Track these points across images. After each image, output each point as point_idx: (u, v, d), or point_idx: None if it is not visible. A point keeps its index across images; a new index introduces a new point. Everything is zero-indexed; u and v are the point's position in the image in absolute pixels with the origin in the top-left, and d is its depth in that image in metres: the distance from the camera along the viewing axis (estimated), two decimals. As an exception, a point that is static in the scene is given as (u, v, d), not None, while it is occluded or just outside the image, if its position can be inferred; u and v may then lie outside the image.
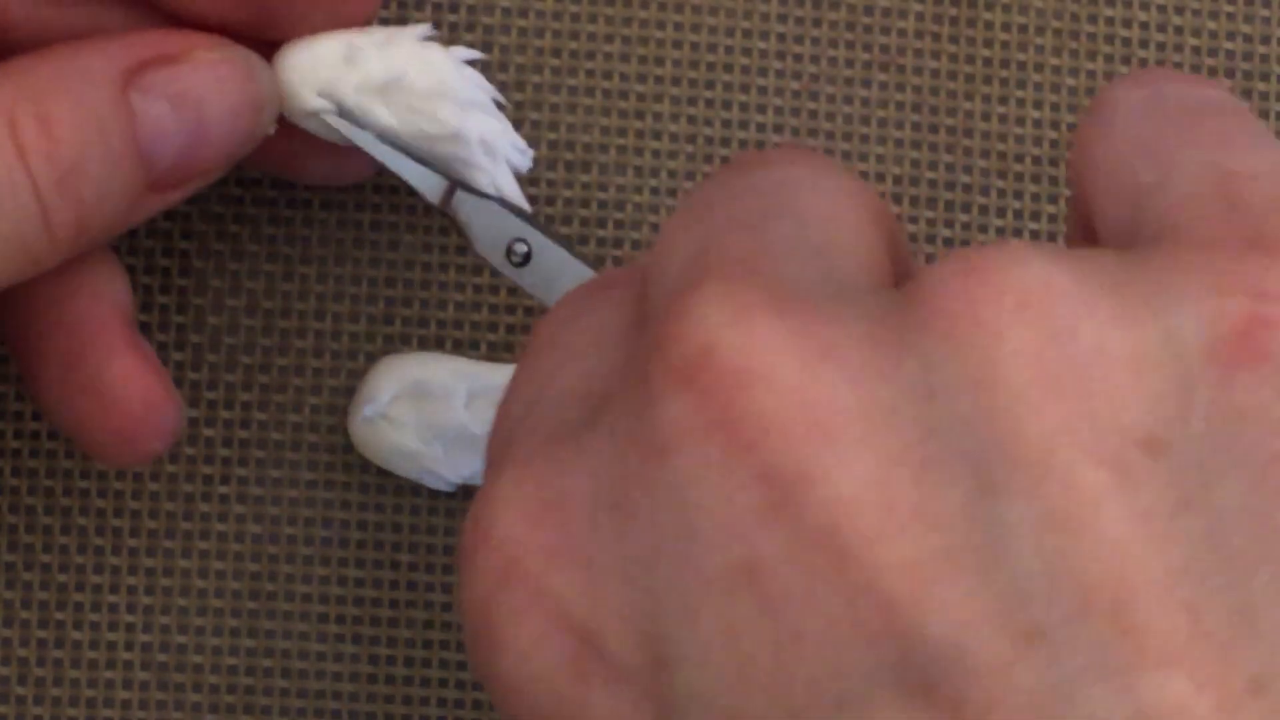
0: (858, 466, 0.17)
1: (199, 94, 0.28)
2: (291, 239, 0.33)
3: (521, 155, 0.30)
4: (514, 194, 0.30)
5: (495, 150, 0.30)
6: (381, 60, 0.29)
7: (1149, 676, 0.16)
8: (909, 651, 0.17)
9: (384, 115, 0.29)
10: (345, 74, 0.29)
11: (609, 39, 0.34)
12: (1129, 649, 0.16)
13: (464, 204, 0.30)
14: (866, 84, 0.34)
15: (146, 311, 0.33)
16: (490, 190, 0.30)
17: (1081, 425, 0.17)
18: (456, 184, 0.30)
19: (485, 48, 0.33)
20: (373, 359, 0.33)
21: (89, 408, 0.29)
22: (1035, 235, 0.34)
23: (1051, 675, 0.16)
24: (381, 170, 0.30)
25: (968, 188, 0.34)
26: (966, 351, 0.17)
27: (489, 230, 0.30)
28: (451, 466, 0.32)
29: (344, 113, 0.29)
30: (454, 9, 0.33)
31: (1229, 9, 0.35)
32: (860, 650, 0.17)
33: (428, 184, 0.30)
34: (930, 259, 0.34)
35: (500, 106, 0.30)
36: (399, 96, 0.29)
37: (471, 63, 0.30)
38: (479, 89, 0.30)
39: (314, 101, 0.29)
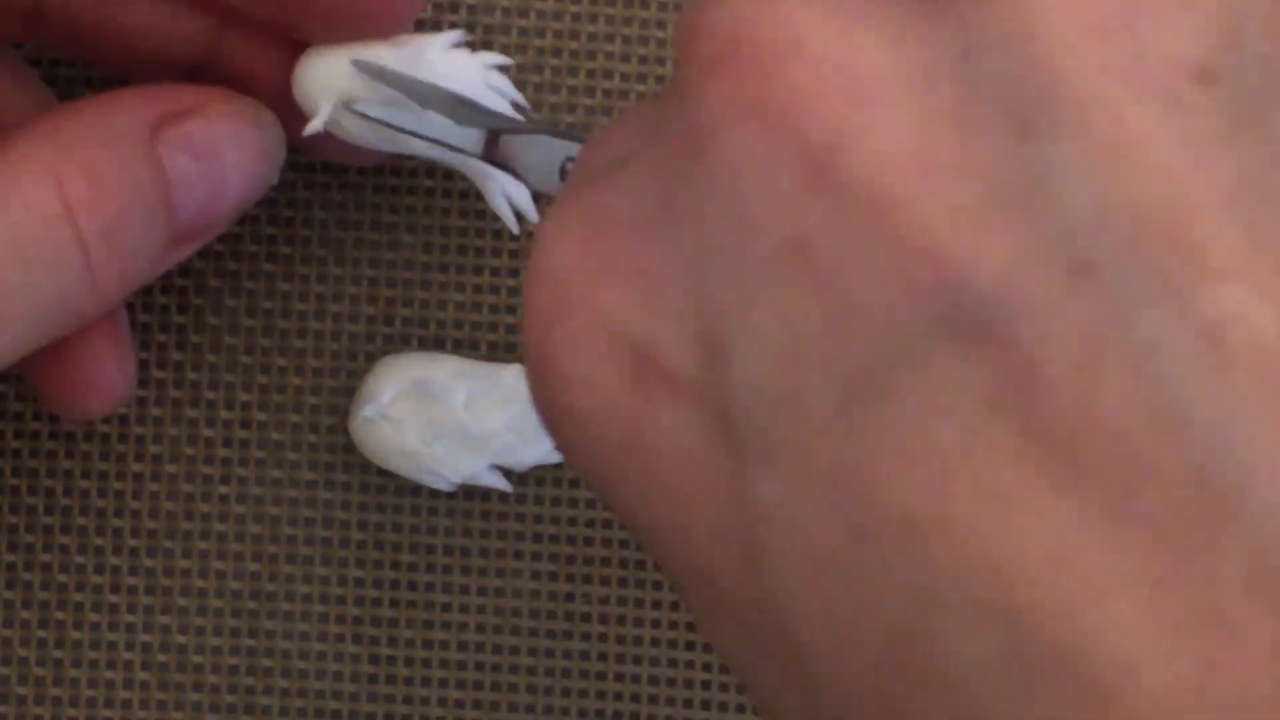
0: (896, 125, 0.17)
1: (218, 145, 0.28)
2: (291, 239, 0.33)
3: None
4: (524, 203, 0.30)
5: None
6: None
7: (1208, 292, 0.16)
8: (960, 299, 0.16)
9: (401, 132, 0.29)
10: (368, 90, 0.29)
11: (609, 39, 0.34)
12: (1186, 268, 0.16)
13: (510, 146, 0.29)
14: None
15: (147, 311, 0.33)
16: (500, 204, 0.30)
17: (1127, 62, 0.16)
18: (496, 131, 0.29)
19: (485, 48, 0.33)
20: (373, 359, 0.33)
21: (45, 358, 0.29)
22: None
23: (1107, 303, 0.16)
24: (407, 153, 0.30)
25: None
26: (1003, 6, 0.17)
27: (541, 162, 0.30)
28: (451, 466, 0.32)
29: (364, 129, 0.29)
30: (454, 9, 0.33)
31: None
32: (911, 307, 0.17)
33: (466, 141, 0.29)
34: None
35: (521, 109, 0.30)
36: (418, 114, 0.29)
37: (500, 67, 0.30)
38: (500, 98, 0.30)
39: (328, 111, 0.29)
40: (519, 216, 0.31)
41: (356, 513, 0.33)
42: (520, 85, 0.33)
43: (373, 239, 0.33)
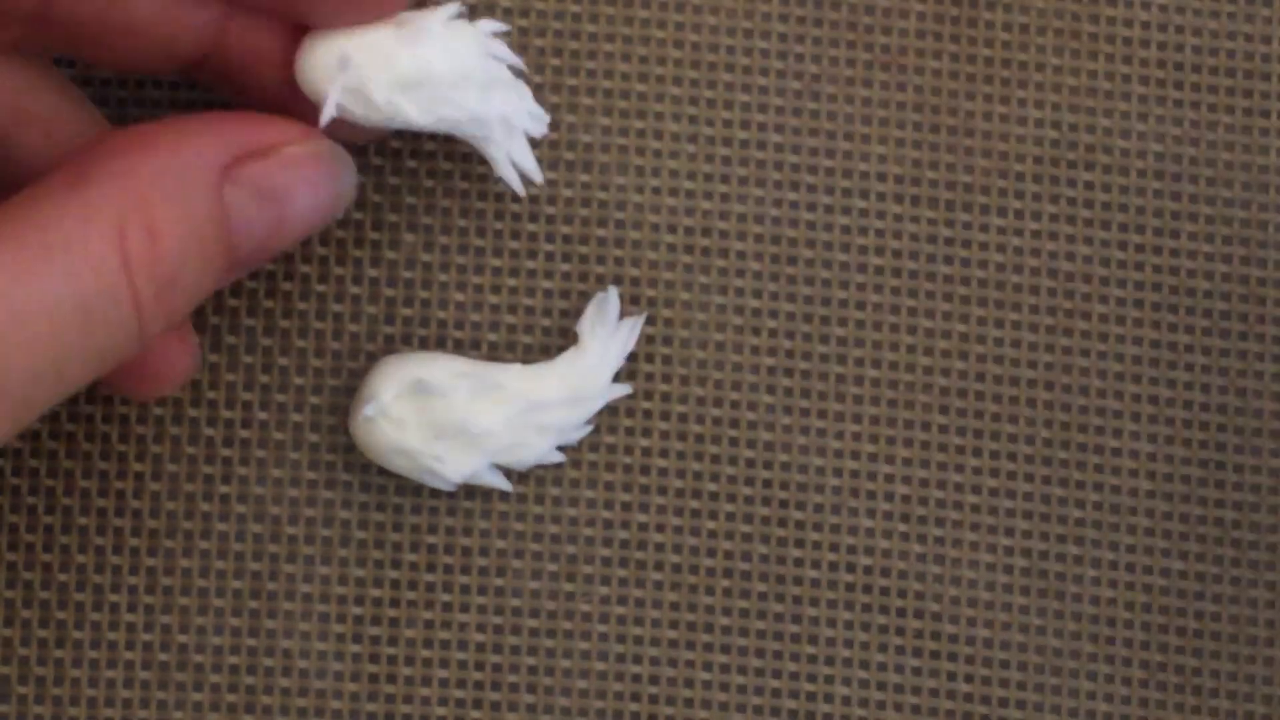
0: None
1: (286, 191, 0.29)
2: (292, 239, 0.33)
3: (537, 122, 0.31)
4: (529, 166, 0.31)
5: (513, 125, 0.31)
6: (411, 59, 0.29)
7: None
8: None
9: (409, 110, 0.29)
10: (374, 73, 0.29)
11: (609, 39, 0.34)
12: None
13: None
14: (867, 84, 0.34)
15: (148, 311, 0.33)
16: (506, 170, 0.31)
17: None
18: None
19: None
20: (373, 359, 0.33)
21: None
22: (1035, 235, 0.34)
23: None
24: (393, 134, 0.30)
25: (968, 187, 0.34)
26: None
27: None
28: (452, 466, 0.32)
29: (373, 110, 0.29)
30: (455, 9, 0.33)
31: (1229, 9, 0.35)
32: None
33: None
34: (930, 259, 0.34)
35: (519, 73, 0.31)
36: (424, 89, 0.29)
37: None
38: (500, 63, 0.30)
39: (336, 95, 0.29)
40: (526, 180, 0.31)
41: (358, 512, 0.33)
42: (521, 85, 0.33)
43: (374, 238, 0.33)
